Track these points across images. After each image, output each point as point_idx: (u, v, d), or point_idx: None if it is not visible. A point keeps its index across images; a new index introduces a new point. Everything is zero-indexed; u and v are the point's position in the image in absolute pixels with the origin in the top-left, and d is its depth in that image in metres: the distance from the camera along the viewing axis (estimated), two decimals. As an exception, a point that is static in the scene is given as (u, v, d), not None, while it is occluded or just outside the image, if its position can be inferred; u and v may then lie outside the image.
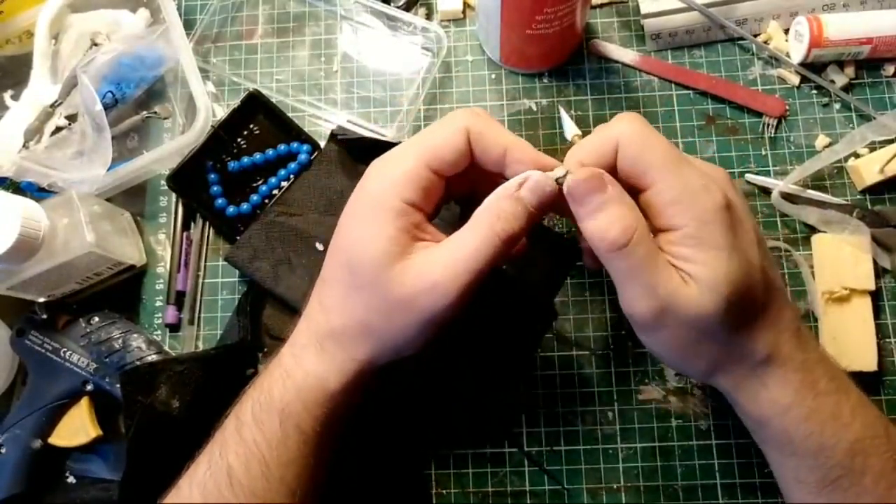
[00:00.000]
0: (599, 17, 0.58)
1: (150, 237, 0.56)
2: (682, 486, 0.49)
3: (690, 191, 0.35)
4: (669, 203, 0.35)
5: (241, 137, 0.54)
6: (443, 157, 0.37)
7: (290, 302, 0.50)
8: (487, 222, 0.36)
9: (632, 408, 0.50)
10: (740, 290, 0.35)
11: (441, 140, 0.37)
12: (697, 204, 0.35)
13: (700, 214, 0.34)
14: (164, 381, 0.46)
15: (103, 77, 0.53)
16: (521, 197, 0.36)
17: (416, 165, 0.37)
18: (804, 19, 0.53)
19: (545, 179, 0.36)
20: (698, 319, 0.35)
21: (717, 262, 0.34)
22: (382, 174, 0.38)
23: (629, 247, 0.34)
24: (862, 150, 0.53)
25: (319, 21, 0.59)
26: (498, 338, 0.50)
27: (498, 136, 0.37)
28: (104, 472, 0.50)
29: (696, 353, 0.37)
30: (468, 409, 0.50)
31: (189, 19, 0.58)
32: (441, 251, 0.36)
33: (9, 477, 0.48)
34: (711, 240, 0.34)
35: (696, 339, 0.36)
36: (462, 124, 0.37)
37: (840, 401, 0.37)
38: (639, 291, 0.35)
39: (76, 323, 0.51)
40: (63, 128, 0.52)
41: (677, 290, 0.35)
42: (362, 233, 0.37)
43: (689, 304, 0.35)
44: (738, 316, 0.36)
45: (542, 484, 0.49)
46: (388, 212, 0.36)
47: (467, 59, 0.57)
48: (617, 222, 0.34)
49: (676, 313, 0.35)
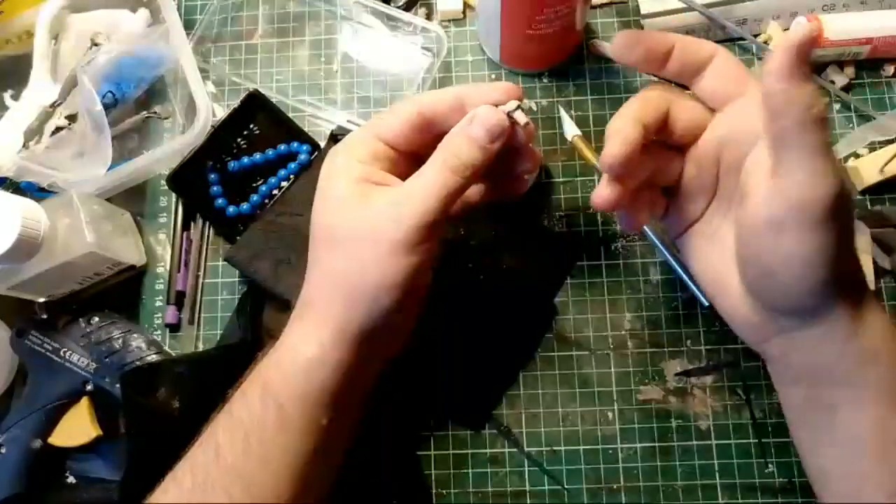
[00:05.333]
0: (599, 17, 0.58)
1: (150, 237, 0.56)
2: (682, 486, 0.48)
3: None
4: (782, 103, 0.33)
5: (241, 137, 0.54)
6: (387, 125, 0.39)
7: (291, 302, 0.50)
8: (441, 158, 0.37)
9: (632, 408, 0.50)
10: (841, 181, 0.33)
11: (389, 116, 0.40)
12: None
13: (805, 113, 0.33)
14: (164, 382, 0.46)
15: (103, 77, 0.52)
16: (469, 133, 0.37)
17: (362, 133, 0.40)
18: (804, 19, 0.53)
19: (491, 112, 0.37)
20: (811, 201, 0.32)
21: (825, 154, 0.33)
22: (335, 148, 0.41)
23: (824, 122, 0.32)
24: (862, 151, 0.53)
25: (319, 21, 0.59)
26: (497, 337, 0.50)
27: (446, 90, 0.40)
28: (104, 472, 0.50)
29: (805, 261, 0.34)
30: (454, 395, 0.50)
31: (189, 19, 0.58)
32: (400, 187, 0.38)
33: (9, 477, 0.48)
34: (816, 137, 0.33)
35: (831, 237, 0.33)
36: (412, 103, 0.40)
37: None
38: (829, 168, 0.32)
39: (76, 323, 0.51)
40: (63, 128, 0.52)
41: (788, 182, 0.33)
42: (323, 195, 0.39)
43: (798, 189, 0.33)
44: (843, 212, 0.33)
45: (542, 484, 0.49)
46: (342, 168, 0.39)
47: (467, 59, 0.57)
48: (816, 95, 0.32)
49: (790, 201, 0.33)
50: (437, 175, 0.37)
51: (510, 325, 0.50)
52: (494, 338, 0.50)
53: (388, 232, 0.36)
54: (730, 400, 0.49)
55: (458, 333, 0.49)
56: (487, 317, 0.49)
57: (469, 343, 0.49)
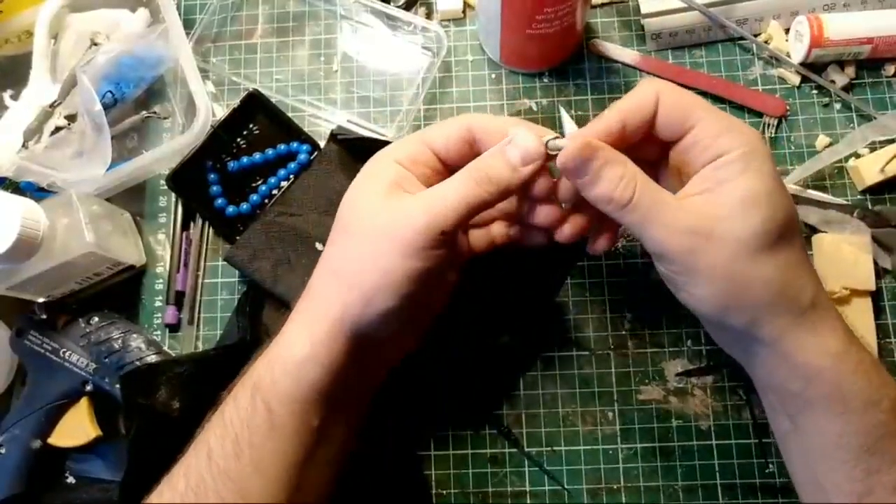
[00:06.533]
0: (599, 16, 0.58)
1: (150, 237, 0.56)
2: (683, 486, 0.48)
3: (734, 121, 0.38)
4: (720, 132, 0.37)
5: (240, 137, 0.54)
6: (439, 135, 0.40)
7: (290, 302, 0.50)
8: (469, 170, 0.37)
9: (632, 408, 0.50)
10: (784, 213, 0.36)
11: (440, 126, 0.40)
12: (745, 130, 0.37)
13: (749, 138, 0.36)
14: (163, 382, 0.46)
15: (103, 77, 0.52)
16: (504, 151, 0.37)
17: (411, 136, 0.40)
18: (805, 19, 0.53)
19: (530, 136, 0.37)
20: (738, 236, 0.35)
21: (763, 181, 0.36)
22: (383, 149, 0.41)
23: (635, 198, 0.36)
24: (862, 150, 0.53)
25: (319, 21, 0.59)
26: (498, 337, 0.50)
27: (499, 120, 0.40)
28: (104, 473, 0.50)
29: (743, 287, 0.36)
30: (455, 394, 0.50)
31: (189, 19, 0.58)
32: (422, 193, 0.37)
33: (8, 477, 0.48)
34: (757, 163, 0.36)
35: (740, 269, 0.35)
36: (464, 118, 0.40)
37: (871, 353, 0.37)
38: (663, 231, 0.36)
39: (76, 323, 0.51)
40: (62, 128, 0.52)
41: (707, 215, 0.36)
42: (354, 189, 0.39)
43: (724, 224, 0.35)
44: (783, 243, 0.36)
45: (542, 484, 0.49)
46: (381, 168, 0.39)
47: (467, 59, 0.57)
48: (616, 181, 0.36)
49: (712, 236, 0.35)
50: (460, 185, 0.37)
51: (510, 326, 0.50)
52: (495, 338, 0.50)
53: (397, 230, 0.36)
54: (730, 400, 0.49)
55: (459, 333, 0.49)
56: (487, 317, 0.49)
57: (469, 343, 0.49)
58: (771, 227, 0.35)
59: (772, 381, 0.39)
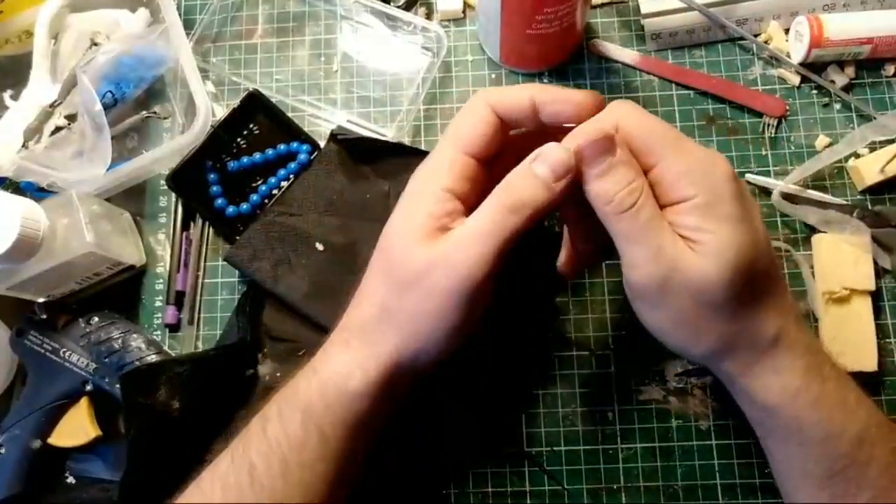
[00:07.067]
0: (599, 16, 0.58)
1: (150, 237, 0.56)
2: (683, 486, 0.48)
3: (699, 161, 0.35)
4: (680, 175, 0.35)
5: (240, 137, 0.54)
6: (473, 136, 0.38)
7: (290, 302, 0.50)
8: (497, 197, 0.36)
9: (632, 408, 0.50)
10: (749, 260, 0.35)
11: (467, 121, 0.38)
12: (708, 173, 0.35)
13: (711, 182, 0.35)
14: (163, 382, 0.46)
15: (103, 77, 0.52)
16: (532, 168, 0.36)
17: (451, 151, 0.38)
18: (804, 19, 0.53)
19: (555, 148, 0.36)
20: (703, 288, 0.34)
21: (726, 230, 0.34)
22: (424, 167, 0.39)
23: (634, 209, 0.34)
24: (862, 151, 0.53)
25: (319, 21, 0.59)
26: (498, 337, 0.50)
27: (518, 89, 0.38)
28: (104, 473, 0.50)
29: (701, 329, 0.36)
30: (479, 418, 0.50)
31: (189, 19, 0.58)
32: (457, 230, 0.36)
33: (8, 477, 0.48)
34: (722, 208, 0.34)
35: (701, 313, 0.35)
36: (481, 99, 0.38)
37: (844, 386, 0.37)
38: (643, 255, 0.35)
39: (76, 323, 0.51)
40: (62, 128, 0.52)
41: (682, 256, 0.34)
42: (397, 220, 0.38)
43: (694, 270, 0.34)
44: (746, 289, 0.35)
45: (543, 484, 0.49)
46: (425, 198, 0.37)
47: (467, 58, 0.57)
48: (624, 183, 0.35)
49: (681, 280, 0.34)
50: (495, 219, 0.35)
51: (511, 326, 0.50)
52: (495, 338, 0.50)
53: (439, 280, 0.35)
54: (730, 400, 0.49)
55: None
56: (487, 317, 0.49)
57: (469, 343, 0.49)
58: (729, 277, 0.34)
59: (739, 405, 0.40)
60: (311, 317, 0.50)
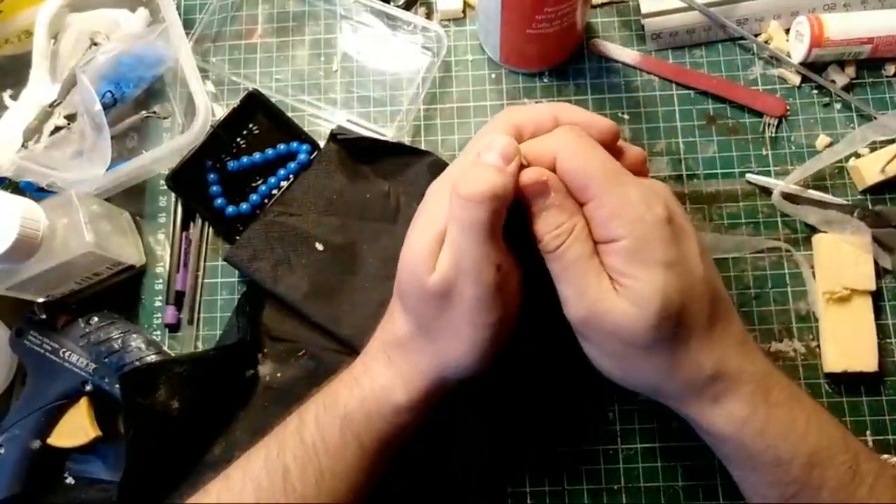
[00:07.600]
0: (600, 16, 0.58)
1: (150, 237, 0.55)
2: (683, 486, 0.48)
3: (630, 204, 0.35)
4: (609, 216, 0.35)
5: (240, 137, 0.54)
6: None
7: (290, 302, 0.50)
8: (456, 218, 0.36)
9: (632, 408, 0.50)
10: (676, 305, 0.34)
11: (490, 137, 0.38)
12: (639, 216, 0.34)
13: (641, 226, 0.34)
14: (163, 382, 0.46)
15: (102, 77, 0.52)
16: (483, 159, 0.36)
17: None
18: (805, 19, 0.53)
19: (496, 136, 0.36)
20: (625, 332, 0.35)
21: (651, 277, 0.34)
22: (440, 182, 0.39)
23: (559, 251, 0.35)
24: (863, 150, 0.53)
25: (319, 21, 0.59)
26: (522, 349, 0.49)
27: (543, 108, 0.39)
28: (103, 473, 0.50)
29: (635, 367, 0.37)
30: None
31: (188, 19, 0.58)
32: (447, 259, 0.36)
33: (7, 477, 0.48)
34: (648, 254, 0.34)
35: (630, 352, 0.36)
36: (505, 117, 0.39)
37: (794, 409, 0.37)
38: (568, 293, 0.36)
39: (75, 323, 0.51)
40: (62, 127, 0.52)
41: (605, 297, 0.35)
42: (415, 238, 0.38)
43: (616, 313, 0.34)
44: (677, 332, 0.35)
45: (543, 484, 0.49)
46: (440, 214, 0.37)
47: (467, 58, 0.57)
48: (553, 226, 0.35)
49: (602, 322, 0.35)
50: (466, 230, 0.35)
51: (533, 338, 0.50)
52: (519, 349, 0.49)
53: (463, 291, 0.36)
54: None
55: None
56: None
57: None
58: (653, 323, 0.34)
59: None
60: (311, 317, 0.50)
